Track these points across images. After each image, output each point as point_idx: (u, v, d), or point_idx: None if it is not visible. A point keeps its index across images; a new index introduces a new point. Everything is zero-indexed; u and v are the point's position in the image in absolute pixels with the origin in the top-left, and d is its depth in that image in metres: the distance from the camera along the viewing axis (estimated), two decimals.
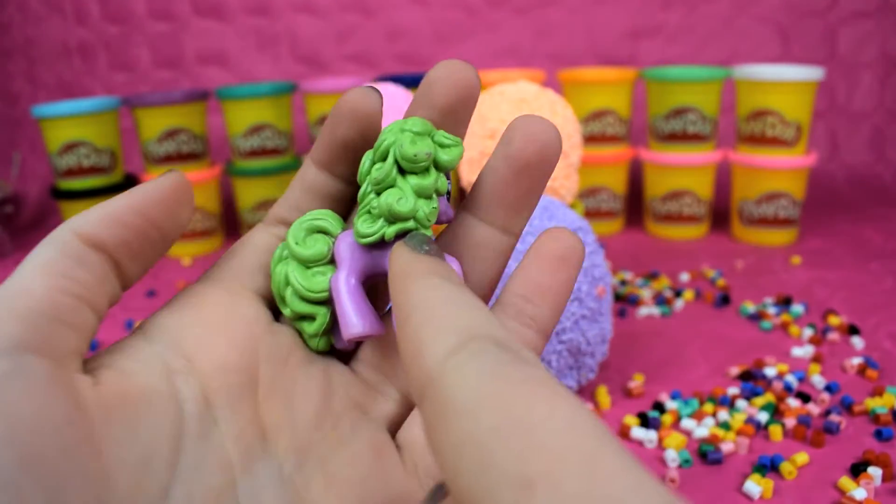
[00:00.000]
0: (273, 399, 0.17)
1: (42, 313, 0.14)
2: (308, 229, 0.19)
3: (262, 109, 0.83)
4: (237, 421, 0.16)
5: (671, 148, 0.80)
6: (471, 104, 0.18)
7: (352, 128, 0.18)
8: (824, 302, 0.60)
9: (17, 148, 1.10)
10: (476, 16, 1.03)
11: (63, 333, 0.15)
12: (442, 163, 0.18)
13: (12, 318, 0.14)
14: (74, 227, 0.16)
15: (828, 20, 0.99)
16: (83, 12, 1.06)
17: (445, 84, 0.18)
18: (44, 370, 0.14)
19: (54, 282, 0.15)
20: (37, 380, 0.13)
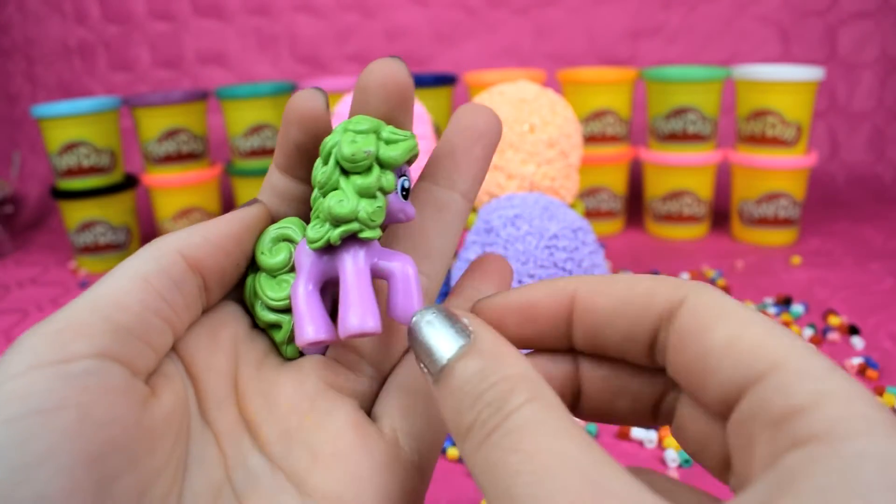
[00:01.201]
0: (251, 394, 0.18)
1: (131, 331, 0.15)
2: (274, 238, 0.19)
3: (262, 109, 0.83)
4: (225, 419, 0.17)
5: (671, 148, 0.80)
6: (408, 103, 0.19)
7: (301, 131, 0.18)
8: (824, 302, 0.60)
9: (17, 148, 1.10)
10: (476, 16, 1.03)
11: (144, 352, 0.16)
12: (386, 160, 0.17)
13: (105, 329, 0.15)
14: (180, 247, 0.17)
15: (828, 20, 0.99)
16: (83, 12, 1.06)
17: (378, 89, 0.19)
18: (121, 377, 0.15)
19: (150, 301, 0.16)
20: (113, 383, 0.14)
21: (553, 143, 0.55)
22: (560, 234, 0.45)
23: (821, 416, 0.12)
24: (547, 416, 0.13)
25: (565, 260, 0.44)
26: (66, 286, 0.74)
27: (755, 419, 0.13)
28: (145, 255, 0.17)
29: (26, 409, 0.13)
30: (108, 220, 0.79)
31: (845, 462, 0.11)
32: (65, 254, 0.85)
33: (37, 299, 0.70)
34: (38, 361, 0.14)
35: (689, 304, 0.15)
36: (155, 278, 0.16)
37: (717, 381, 0.14)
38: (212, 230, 0.18)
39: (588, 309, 0.17)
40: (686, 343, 0.15)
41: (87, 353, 0.14)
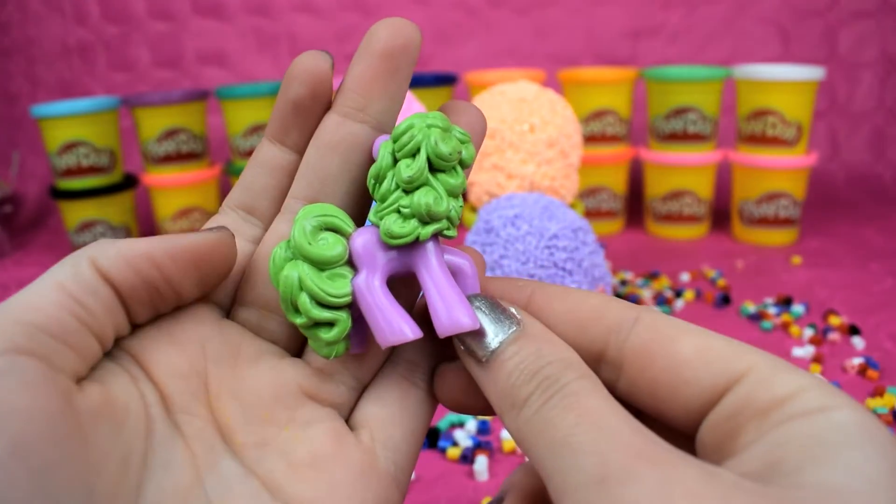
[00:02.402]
0: (224, 399, 0.18)
1: (45, 329, 0.15)
2: (317, 227, 0.17)
3: (262, 109, 0.83)
4: (194, 423, 0.17)
5: (671, 148, 0.80)
6: (411, 54, 0.18)
7: (302, 86, 0.18)
8: (825, 302, 0.60)
9: (17, 147, 1.10)
10: (476, 16, 1.03)
11: (62, 351, 0.15)
12: (465, 160, 0.18)
13: (16, 328, 0.15)
14: (93, 255, 0.16)
15: (828, 20, 0.99)
16: (83, 12, 1.06)
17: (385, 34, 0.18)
18: (37, 370, 0.14)
19: (64, 302, 0.16)
20: (30, 377, 0.14)
21: (553, 143, 0.55)
22: (560, 234, 0.45)
23: (808, 398, 0.14)
24: (597, 388, 0.15)
25: (565, 260, 0.44)
26: None
27: (739, 415, 0.14)
28: (62, 263, 0.16)
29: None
30: (107, 220, 0.79)
31: (835, 423, 0.13)
32: (64, 254, 0.85)
33: None
34: None
35: (646, 322, 0.16)
36: (70, 283, 0.16)
37: (694, 388, 0.15)
38: (133, 244, 0.17)
39: (540, 313, 0.18)
40: (651, 357, 0.16)
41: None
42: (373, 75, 0.18)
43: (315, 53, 0.18)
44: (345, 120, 0.19)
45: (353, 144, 0.19)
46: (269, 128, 0.20)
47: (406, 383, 0.20)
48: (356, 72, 0.18)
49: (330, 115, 0.19)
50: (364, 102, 0.19)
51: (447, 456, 0.40)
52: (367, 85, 0.18)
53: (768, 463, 0.13)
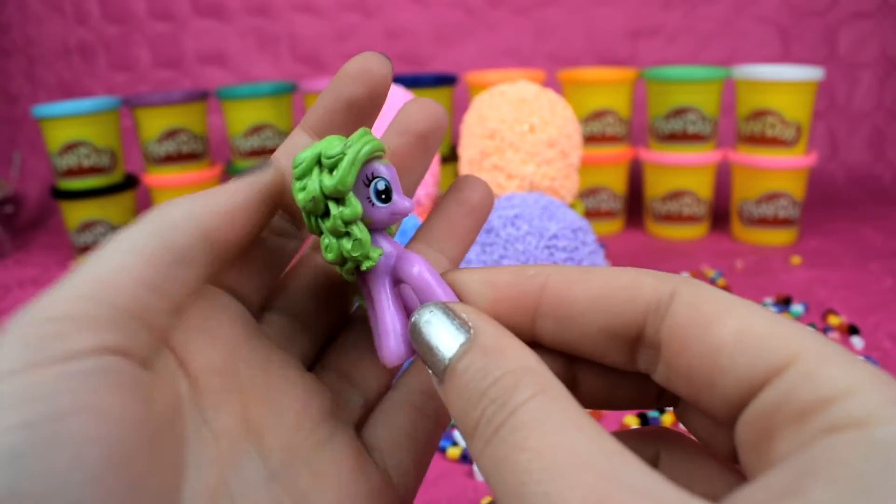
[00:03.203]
0: (256, 400, 0.17)
1: (130, 314, 0.14)
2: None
3: (262, 109, 0.83)
4: (223, 420, 0.16)
5: (671, 148, 0.80)
6: (440, 133, 0.20)
7: (362, 87, 0.18)
8: (824, 302, 0.60)
9: (18, 148, 1.10)
10: (476, 16, 1.04)
11: (142, 337, 0.15)
12: (331, 192, 0.16)
13: (104, 316, 0.14)
14: (186, 216, 0.16)
15: (828, 20, 0.99)
16: (83, 12, 1.06)
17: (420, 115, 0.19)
18: (128, 371, 0.14)
19: (150, 278, 0.15)
20: (121, 379, 0.13)
21: (553, 143, 0.55)
22: (560, 234, 0.45)
23: (854, 404, 0.11)
24: (553, 408, 0.13)
25: (565, 260, 0.44)
26: None
27: (777, 413, 0.12)
28: (146, 228, 0.15)
29: (42, 415, 0.12)
30: (108, 221, 0.79)
31: (886, 446, 0.10)
32: (65, 254, 0.85)
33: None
34: (40, 358, 0.13)
35: (684, 298, 0.14)
36: (156, 253, 0.15)
37: (731, 378, 0.13)
38: (221, 198, 0.16)
39: (560, 300, 0.16)
40: (688, 341, 0.14)
41: (90, 347, 0.13)
42: (409, 152, 0.20)
43: (376, 56, 0.18)
44: None
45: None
46: (311, 118, 0.19)
47: (418, 414, 0.19)
48: (394, 144, 0.20)
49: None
50: (399, 173, 0.20)
51: (447, 456, 0.40)
52: (402, 159, 0.20)
53: (794, 490, 0.11)
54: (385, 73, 0.18)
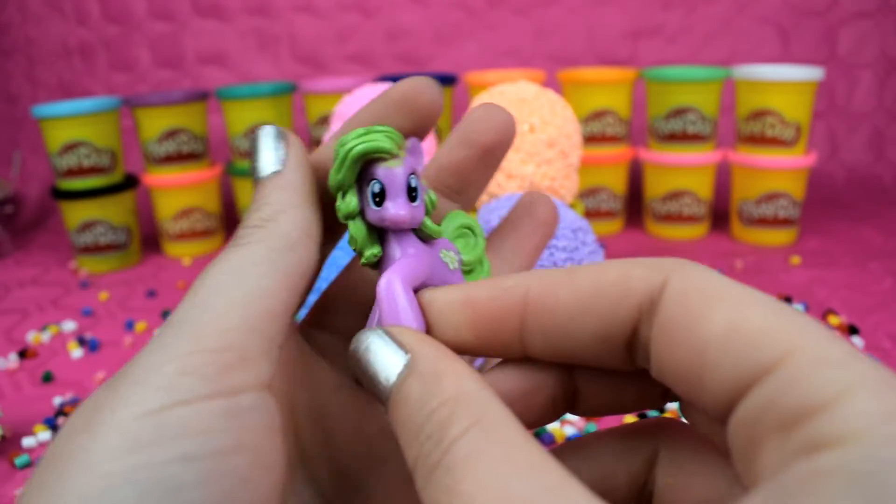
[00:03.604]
0: (309, 423, 0.17)
1: (277, 343, 0.14)
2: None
3: (263, 109, 0.83)
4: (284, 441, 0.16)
5: (671, 148, 0.80)
6: (507, 146, 0.19)
7: (408, 118, 0.17)
8: (824, 302, 0.60)
9: (18, 148, 1.10)
10: (476, 16, 1.04)
11: (278, 360, 0.14)
12: (333, 186, 0.16)
13: (262, 350, 0.14)
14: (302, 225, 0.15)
15: (827, 20, 0.99)
16: (83, 12, 1.06)
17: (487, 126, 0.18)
18: (277, 411, 0.14)
19: (289, 299, 0.14)
20: (274, 422, 0.13)
21: (553, 143, 0.55)
22: (560, 234, 0.45)
23: (842, 416, 0.10)
24: (489, 442, 0.12)
25: (565, 260, 0.44)
26: (66, 286, 0.74)
27: (760, 422, 0.11)
28: (277, 243, 0.15)
29: (207, 449, 0.12)
30: (108, 221, 0.79)
31: (870, 471, 0.09)
32: (65, 254, 0.85)
33: (37, 299, 0.70)
34: (209, 391, 0.13)
35: (674, 289, 0.13)
36: (294, 271, 0.15)
37: (717, 379, 0.12)
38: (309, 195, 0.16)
39: (546, 310, 0.14)
40: (675, 337, 0.12)
41: (251, 384, 0.13)
42: (473, 165, 0.19)
43: (425, 83, 0.17)
44: (439, 196, 0.19)
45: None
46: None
47: None
48: (458, 156, 0.19)
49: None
50: (461, 187, 0.19)
51: None
52: (466, 172, 0.19)
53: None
54: (436, 105, 0.17)
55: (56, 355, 0.57)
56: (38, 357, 0.56)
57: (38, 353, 0.57)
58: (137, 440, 0.12)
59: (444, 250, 0.18)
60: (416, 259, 0.17)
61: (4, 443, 0.44)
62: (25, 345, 0.59)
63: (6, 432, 0.44)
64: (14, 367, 0.54)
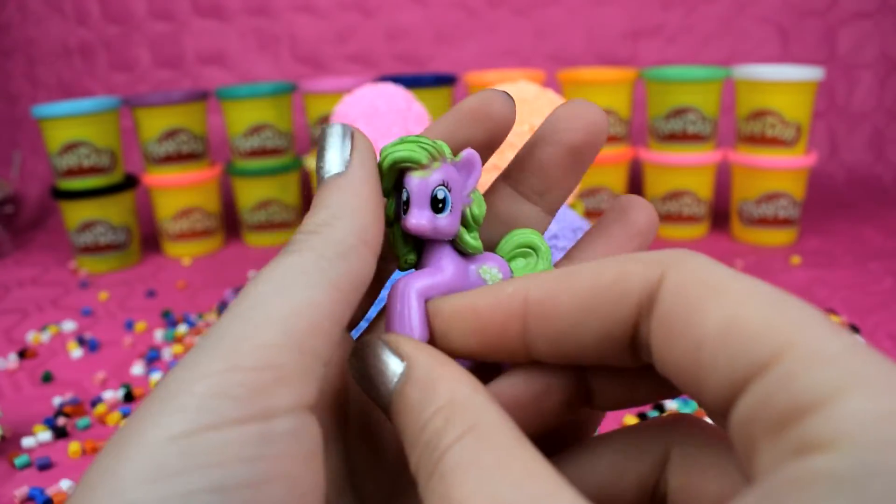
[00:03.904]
0: (360, 440, 0.16)
1: (320, 358, 0.13)
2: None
3: (262, 109, 0.83)
4: (331, 459, 0.16)
5: (671, 148, 0.80)
6: (598, 146, 0.17)
7: (481, 130, 0.17)
8: (824, 302, 0.60)
9: (18, 148, 1.10)
10: (476, 16, 1.04)
11: (322, 376, 0.14)
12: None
13: (302, 368, 0.13)
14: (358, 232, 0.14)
15: (827, 20, 0.99)
16: (83, 12, 1.06)
17: (577, 124, 0.17)
18: (316, 434, 0.13)
19: (338, 312, 0.13)
20: (312, 447, 0.13)
21: None
22: (560, 235, 0.45)
23: (832, 417, 0.09)
24: (482, 449, 0.11)
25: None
26: (66, 286, 0.74)
27: (755, 420, 0.10)
28: (329, 251, 0.14)
29: (236, 480, 0.11)
30: (108, 220, 0.79)
31: (856, 476, 0.09)
32: (65, 254, 0.85)
33: (37, 299, 0.70)
34: (240, 415, 0.12)
35: (671, 284, 0.13)
36: (345, 282, 0.14)
37: (714, 376, 0.11)
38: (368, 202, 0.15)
39: (546, 315, 0.14)
40: (673, 334, 0.12)
41: (289, 405, 0.12)
42: (558, 165, 0.17)
43: (502, 98, 0.17)
44: (519, 197, 0.18)
45: (524, 224, 0.18)
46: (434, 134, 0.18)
47: None
48: (543, 155, 0.17)
49: (506, 188, 0.18)
50: (543, 189, 0.18)
51: None
52: (550, 174, 0.17)
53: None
54: (508, 117, 0.17)
55: (56, 355, 0.56)
56: (38, 357, 0.56)
57: (38, 353, 0.57)
58: (165, 467, 0.11)
59: (484, 266, 0.17)
60: (439, 271, 0.17)
61: (4, 443, 0.44)
62: (25, 345, 0.59)
63: (6, 432, 0.44)
64: (14, 367, 0.54)
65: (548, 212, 0.18)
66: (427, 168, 0.16)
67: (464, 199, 0.17)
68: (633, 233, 0.18)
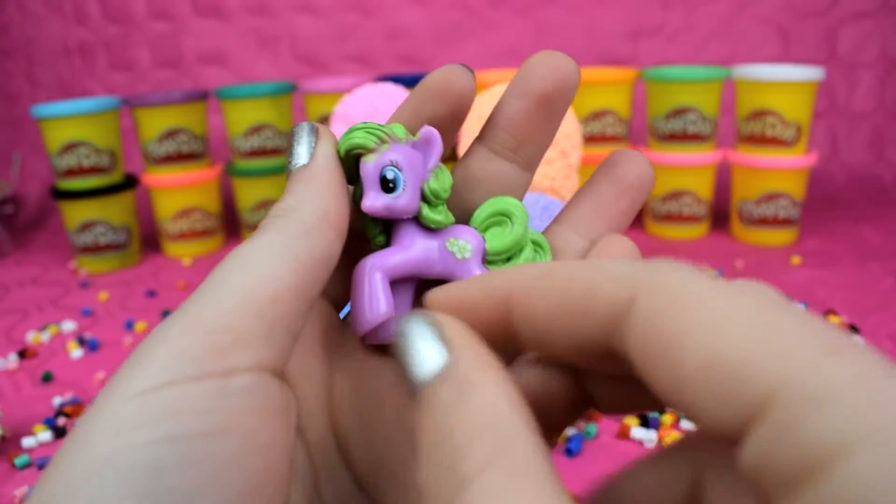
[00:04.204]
0: (346, 409, 0.17)
1: (284, 328, 0.14)
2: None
3: (262, 109, 0.83)
4: (317, 429, 0.16)
5: (671, 148, 0.80)
6: (568, 95, 0.17)
7: (443, 104, 0.17)
8: (824, 302, 0.60)
9: (18, 148, 1.10)
10: (476, 16, 1.04)
11: (289, 345, 0.14)
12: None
13: (262, 332, 0.13)
14: (322, 212, 0.15)
15: (828, 20, 0.99)
16: (83, 12, 1.06)
17: (543, 72, 0.17)
18: (278, 393, 0.13)
19: (301, 285, 0.14)
20: (273, 403, 0.13)
21: (553, 143, 0.55)
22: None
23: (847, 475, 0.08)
24: (507, 486, 0.10)
25: None
26: (66, 286, 0.74)
27: (762, 477, 0.09)
28: (291, 230, 0.15)
29: (189, 430, 0.12)
30: (108, 221, 0.79)
31: None
32: (65, 254, 0.85)
33: (37, 299, 0.70)
34: (198, 372, 0.12)
35: (643, 311, 0.11)
36: (307, 257, 0.14)
37: (704, 421, 0.10)
38: (330, 184, 0.16)
39: (527, 316, 0.13)
40: (652, 368, 0.11)
41: (247, 365, 0.13)
42: (527, 118, 0.17)
43: (458, 70, 0.17)
44: (494, 156, 0.18)
45: (501, 182, 0.18)
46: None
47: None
48: (510, 110, 0.17)
49: (479, 148, 0.18)
50: (516, 144, 0.18)
51: None
52: (520, 127, 0.17)
53: None
54: (468, 89, 0.17)
55: (56, 355, 0.56)
56: (38, 357, 0.56)
57: (38, 353, 0.57)
58: (125, 422, 0.12)
59: (452, 239, 0.18)
60: (402, 249, 0.17)
61: (4, 443, 0.44)
62: (25, 345, 0.59)
63: (6, 432, 0.44)
64: (14, 368, 0.54)
65: (525, 168, 0.18)
66: (375, 152, 0.17)
67: (423, 176, 0.17)
68: (622, 188, 0.18)
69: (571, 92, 0.17)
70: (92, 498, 0.11)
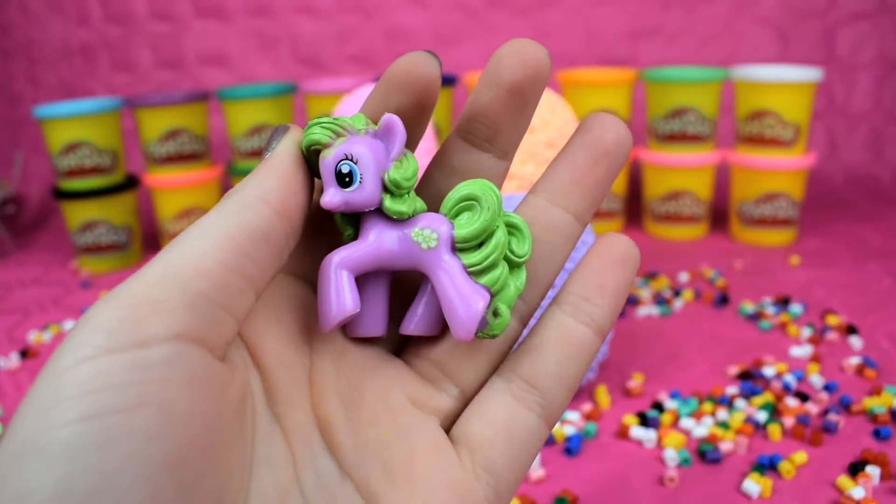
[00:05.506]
0: (328, 394, 0.17)
1: (212, 300, 0.13)
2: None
3: (263, 110, 0.83)
4: (295, 416, 0.16)
5: (670, 148, 0.81)
6: (540, 84, 0.17)
7: (407, 94, 0.17)
8: (823, 302, 0.60)
9: (19, 148, 1.10)
10: (475, 17, 1.04)
11: (223, 321, 0.14)
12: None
13: (183, 302, 0.13)
14: (261, 193, 0.15)
15: (826, 21, 0.99)
16: (84, 13, 1.06)
17: (514, 62, 0.17)
18: (201, 362, 0.13)
19: (232, 260, 0.14)
20: (194, 373, 0.13)
21: (553, 144, 0.56)
22: None
23: None
24: None
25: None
26: (67, 286, 0.74)
27: None
28: (226, 210, 0.15)
29: (104, 407, 0.12)
30: (109, 221, 0.79)
31: None
32: (66, 254, 0.85)
33: (38, 299, 0.71)
34: (112, 345, 0.12)
35: None
36: (239, 233, 0.14)
37: None
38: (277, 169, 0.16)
39: None
40: None
41: (165, 334, 0.13)
42: (500, 108, 0.17)
43: (422, 57, 0.17)
44: (471, 147, 0.18)
45: (478, 173, 0.18)
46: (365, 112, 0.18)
47: (518, 405, 0.17)
48: (483, 101, 0.17)
49: (455, 139, 0.18)
50: (491, 134, 0.18)
51: None
52: (494, 117, 0.17)
53: None
54: (433, 76, 0.17)
55: None
56: (40, 357, 0.57)
57: (40, 352, 0.57)
58: (44, 404, 0.12)
59: (417, 229, 0.17)
60: (363, 241, 0.17)
61: None
62: (27, 345, 0.59)
63: None
64: (15, 367, 0.54)
65: (501, 157, 0.18)
66: (330, 146, 0.17)
67: (383, 166, 0.17)
68: (598, 154, 0.18)
69: (543, 80, 0.17)
70: (16, 486, 0.11)
